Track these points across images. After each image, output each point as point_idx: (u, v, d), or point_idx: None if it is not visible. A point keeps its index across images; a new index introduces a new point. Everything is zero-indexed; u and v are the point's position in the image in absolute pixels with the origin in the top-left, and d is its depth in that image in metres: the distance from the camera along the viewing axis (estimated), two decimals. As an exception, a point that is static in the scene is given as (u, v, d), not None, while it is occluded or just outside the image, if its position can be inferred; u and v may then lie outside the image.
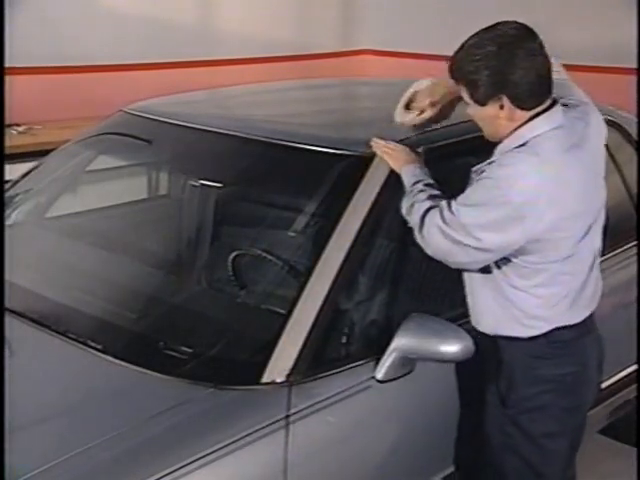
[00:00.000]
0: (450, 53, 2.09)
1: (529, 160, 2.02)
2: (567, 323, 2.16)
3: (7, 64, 2.77)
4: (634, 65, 4.49)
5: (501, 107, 2.04)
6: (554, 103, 2.10)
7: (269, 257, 2.43)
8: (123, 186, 3.39)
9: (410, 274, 2.39)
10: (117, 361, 2.10)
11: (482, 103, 2.06)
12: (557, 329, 2.15)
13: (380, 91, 3.60)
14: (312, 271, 2.17)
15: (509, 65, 2.00)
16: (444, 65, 2.11)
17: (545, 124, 2.07)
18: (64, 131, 4.35)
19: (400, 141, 2.39)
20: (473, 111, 2.11)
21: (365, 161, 2.37)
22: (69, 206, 3.11)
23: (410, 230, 2.18)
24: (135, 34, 5.89)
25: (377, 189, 2.30)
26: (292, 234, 2.49)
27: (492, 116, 2.07)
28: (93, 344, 2.16)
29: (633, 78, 4.49)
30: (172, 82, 4.27)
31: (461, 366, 2.22)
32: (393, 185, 2.31)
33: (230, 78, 4.45)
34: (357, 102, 3.70)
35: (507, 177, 2.02)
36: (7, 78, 2.72)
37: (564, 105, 2.14)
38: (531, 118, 2.06)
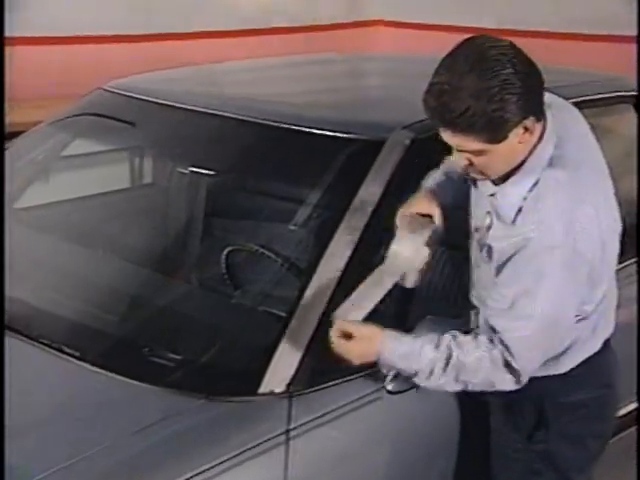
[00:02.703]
0: (467, 24, 1.95)
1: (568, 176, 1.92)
2: (596, 348, 2.16)
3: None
4: (634, 33, 4.57)
5: (525, 129, 1.86)
6: None
7: (267, 253, 2.44)
8: (103, 173, 3.41)
9: (424, 272, 2.39)
10: (96, 369, 2.10)
11: (504, 137, 1.85)
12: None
13: (391, 67, 3.60)
14: (315, 269, 2.17)
15: (528, 77, 1.83)
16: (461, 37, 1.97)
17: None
18: (36, 111, 4.37)
19: (408, 126, 2.39)
20: (486, 156, 1.88)
21: (374, 146, 2.37)
22: (41, 196, 3.12)
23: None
24: (115, 2, 5.89)
25: (387, 177, 2.30)
26: (293, 228, 2.50)
27: (514, 145, 1.88)
28: (69, 350, 2.16)
29: (632, 46, 4.64)
30: (158, 56, 4.28)
31: None
32: (405, 173, 2.31)
33: (225, 52, 4.46)
34: (366, 80, 3.70)
35: (561, 211, 1.89)
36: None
37: None
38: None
